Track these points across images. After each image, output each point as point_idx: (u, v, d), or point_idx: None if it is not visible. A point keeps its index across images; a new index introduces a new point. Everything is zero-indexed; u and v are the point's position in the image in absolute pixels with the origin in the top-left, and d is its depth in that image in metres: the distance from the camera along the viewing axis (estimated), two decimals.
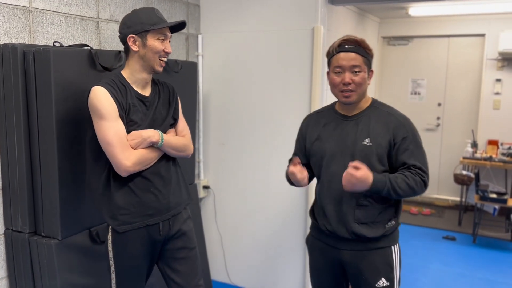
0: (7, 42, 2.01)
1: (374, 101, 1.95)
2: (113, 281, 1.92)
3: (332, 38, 2.26)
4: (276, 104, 3.13)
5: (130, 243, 1.90)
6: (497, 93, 5.31)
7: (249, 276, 3.41)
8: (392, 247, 1.93)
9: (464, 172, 5.00)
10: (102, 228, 2.18)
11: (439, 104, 5.77)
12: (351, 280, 1.99)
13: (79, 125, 2.02)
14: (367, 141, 1.85)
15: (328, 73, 1.93)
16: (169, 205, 1.97)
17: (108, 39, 2.54)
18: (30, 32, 2.11)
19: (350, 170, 1.74)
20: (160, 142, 1.88)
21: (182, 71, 2.81)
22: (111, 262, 1.91)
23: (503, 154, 4.93)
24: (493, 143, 5.21)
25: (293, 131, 2.33)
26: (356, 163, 1.75)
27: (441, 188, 5.85)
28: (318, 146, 1.96)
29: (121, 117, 1.80)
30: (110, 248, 1.90)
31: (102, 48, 2.50)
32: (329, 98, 1.99)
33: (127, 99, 1.83)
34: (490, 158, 4.81)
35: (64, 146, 1.99)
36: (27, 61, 1.95)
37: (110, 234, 1.90)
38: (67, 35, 2.29)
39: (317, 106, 2.93)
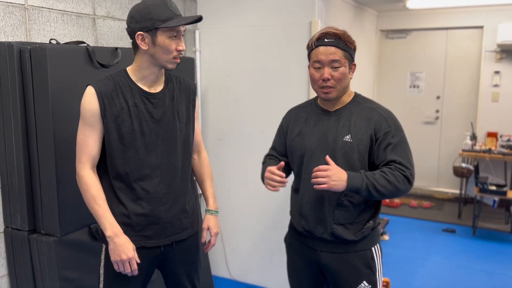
0: (3, 40, 2.01)
1: (357, 96, 1.86)
2: None
3: None
4: (274, 99, 3.13)
5: None
6: (495, 85, 5.30)
7: (249, 271, 3.42)
8: (373, 249, 1.84)
9: (464, 165, 5.01)
10: None
11: (438, 97, 5.77)
12: (331, 283, 1.89)
13: (77, 122, 1.99)
14: (347, 137, 1.76)
15: (309, 67, 1.83)
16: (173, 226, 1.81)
17: (104, 36, 2.54)
18: (26, 30, 2.11)
19: (322, 166, 1.67)
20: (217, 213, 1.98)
21: (179, 67, 2.76)
22: (101, 271, 1.77)
23: (502, 146, 4.93)
24: (492, 135, 5.20)
25: None
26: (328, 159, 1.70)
27: (440, 181, 5.86)
28: (298, 142, 1.86)
29: (108, 119, 1.66)
30: (102, 256, 1.78)
31: (99, 45, 2.49)
32: None
33: (126, 98, 1.68)
34: (489, 151, 4.81)
35: (61, 143, 1.99)
36: (24, 59, 1.95)
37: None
38: (63, 32, 2.28)
39: None
